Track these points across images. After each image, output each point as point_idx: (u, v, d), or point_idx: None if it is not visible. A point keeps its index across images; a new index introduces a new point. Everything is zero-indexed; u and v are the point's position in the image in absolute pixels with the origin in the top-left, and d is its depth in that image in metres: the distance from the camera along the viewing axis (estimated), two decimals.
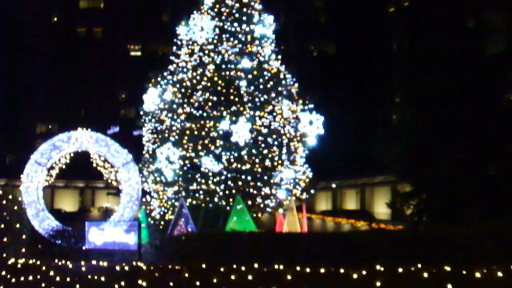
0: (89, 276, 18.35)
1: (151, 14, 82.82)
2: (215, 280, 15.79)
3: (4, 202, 23.09)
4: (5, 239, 22.28)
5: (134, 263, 19.18)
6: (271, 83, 33.67)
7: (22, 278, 19.37)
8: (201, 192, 32.21)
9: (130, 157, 30.97)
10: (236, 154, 31.91)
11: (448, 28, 27.55)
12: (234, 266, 15.89)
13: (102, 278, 18.05)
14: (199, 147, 32.05)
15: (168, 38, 66.32)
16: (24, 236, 23.25)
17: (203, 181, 32.00)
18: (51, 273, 19.09)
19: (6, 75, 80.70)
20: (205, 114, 32.50)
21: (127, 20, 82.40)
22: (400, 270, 13.90)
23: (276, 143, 32.97)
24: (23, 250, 22.57)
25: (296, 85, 35.01)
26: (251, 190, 32.19)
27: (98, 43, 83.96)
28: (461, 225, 18.71)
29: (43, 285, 18.97)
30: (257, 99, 33.06)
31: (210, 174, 31.87)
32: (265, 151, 32.44)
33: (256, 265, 15.73)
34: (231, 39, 33.65)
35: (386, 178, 57.91)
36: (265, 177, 32.57)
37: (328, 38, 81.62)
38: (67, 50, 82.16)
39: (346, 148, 71.63)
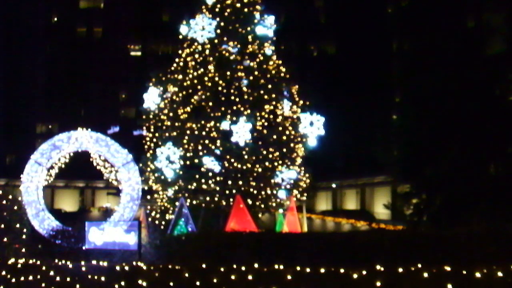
0: (89, 276, 18.36)
1: (151, 14, 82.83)
2: (215, 280, 15.80)
3: (4, 202, 23.08)
4: (5, 239, 22.28)
5: (134, 263, 19.19)
6: (272, 83, 33.65)
7: (22, 278, 19.37)
8: (201, 192, 32.19)
9: (130, 157, 30.97)
10: (236, 154, 31.89)
11: (448, 28, 27.55)
12: (234, 266, 15.89)
13: (102, 278, 18.05)
14: (200, 147, 32.03)
15: (169, 38, 66.46)
16: (24, 236, 23.24)
17: (203, 181, 31.98)
18: (51, 273, 19.09)
19: (6, 75, 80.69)
20: (205, 114, 32.49)
21: (127, 20, 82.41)
22: (400, 270, 13.90)
23: (276, 143, 32.94)
24: (23, 250, 22.56)
25: (297, 85, 34.98)
26: (252, 190, 32.19)
27: (98, 43, 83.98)
28: (461, 225, 18.73)
29: (43, 285, 18.98)
30: (257, 99, 33.04)
31: (210, 174, 31.86)
32: (266, 151, 32.42)
33: (256, 265, 15.73)
34: (232, 39, 33.63)
35: (386, 178, 57.94)
36: (266, 177, 32.55)
37: (328, 38, 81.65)
38: (67, 50, 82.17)
39: (346, 148, 71.67)
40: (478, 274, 13.23)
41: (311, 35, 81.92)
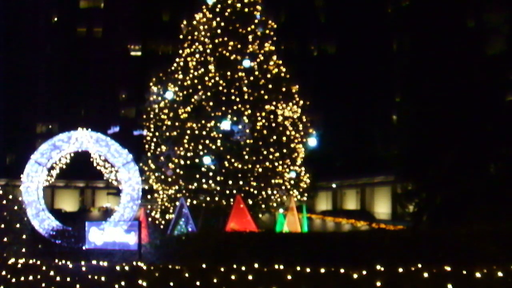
0: (89, 276, 18.36)
1: (152, 14, 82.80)
2: (215, 280, 15.79)
3: (4, 202, 23.08)
4: (5, 239, 22.28)
5: (134, 263, 19.19)
6: (272, 83, 33.65)
7: (22, 278, 19.38)
8: (201, 191, 32.20)
9: (131, 157, 30.97)
10: (236, 154, 31.89)
11: (448, 28, 27.55)
12: (234, 266, 15.89)
13: (102, 278, 18.05)
14: (200, 147, 32.04)
15: (169, 38, 66.44)
16: (24, 236, 23.23)
17: (203, 180, 31.99)
18: (51, 273, 19.10)
19: (7, 75, 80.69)
20: (205, 114, 32.49)
21: (127, 20, 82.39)
22: (400, 270, 13.90)
23: (276, 143, 32.94)
24: (23, 250, 22.56)
25: (297, 85, 34.97)
26: (252, 190, 32.19)
27: (98, 43, 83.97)
28: (461, 225, 18.73)
29: (43, 285, 18.98)
30: (258, 99, 33.05)
31: (210, 173, 31.86)
32: (266, 151, 32.42)
33: (256, 265, 15.73)
34: (232, 39, 33.62)
35: (386, 178, 57.95)
36: (266, 177, 32.55)
37: (328, 37, 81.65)
38: (67, 50, 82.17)
39: (346, 148, 71.67)
40: (478, 274, 13.22)
41: (311, 35, 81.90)
